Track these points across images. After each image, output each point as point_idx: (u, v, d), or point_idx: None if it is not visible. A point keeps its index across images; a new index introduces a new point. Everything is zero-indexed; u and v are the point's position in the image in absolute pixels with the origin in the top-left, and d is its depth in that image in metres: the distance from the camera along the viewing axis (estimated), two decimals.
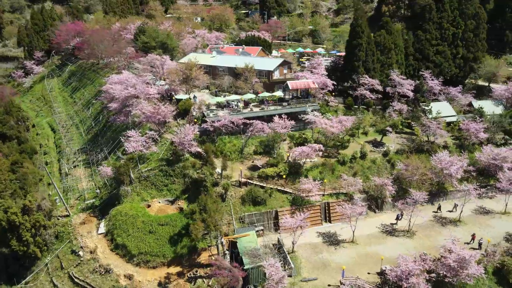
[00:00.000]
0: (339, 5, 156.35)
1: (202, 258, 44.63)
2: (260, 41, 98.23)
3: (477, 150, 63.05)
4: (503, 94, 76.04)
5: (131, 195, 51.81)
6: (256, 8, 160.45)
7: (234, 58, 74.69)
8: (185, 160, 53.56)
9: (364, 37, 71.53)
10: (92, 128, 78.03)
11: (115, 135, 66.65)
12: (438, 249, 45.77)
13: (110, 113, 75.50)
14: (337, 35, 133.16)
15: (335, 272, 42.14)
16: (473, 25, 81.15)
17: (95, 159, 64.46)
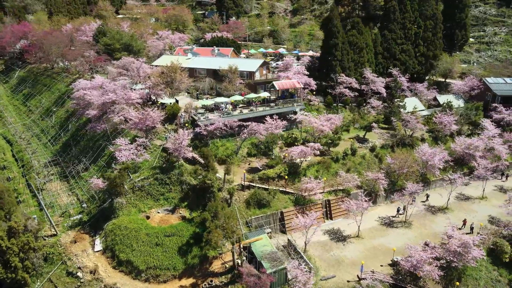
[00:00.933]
0: (294, 6, 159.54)
1: (215, 266, 43.16)
2: (229, 42, 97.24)
3: (449, 141, 68.03)
4: (462, 88, 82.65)
5: (126, 207, 48.66)
6: (212, 8, 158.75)
7: (213, 60, 73.18)
8: (180, 167, 51.47)
9: (340, 37, 73.66)
10: (60, 137, 72.09)
11: (93, 144, 62.26)
12: (436, 236, 48.73)
13: (81, 121, 70.59)
14: (297, 35, 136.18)
15: (350, 268, 42.99)
16: (431, 25, 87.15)
17: (74, 171, 59.61)
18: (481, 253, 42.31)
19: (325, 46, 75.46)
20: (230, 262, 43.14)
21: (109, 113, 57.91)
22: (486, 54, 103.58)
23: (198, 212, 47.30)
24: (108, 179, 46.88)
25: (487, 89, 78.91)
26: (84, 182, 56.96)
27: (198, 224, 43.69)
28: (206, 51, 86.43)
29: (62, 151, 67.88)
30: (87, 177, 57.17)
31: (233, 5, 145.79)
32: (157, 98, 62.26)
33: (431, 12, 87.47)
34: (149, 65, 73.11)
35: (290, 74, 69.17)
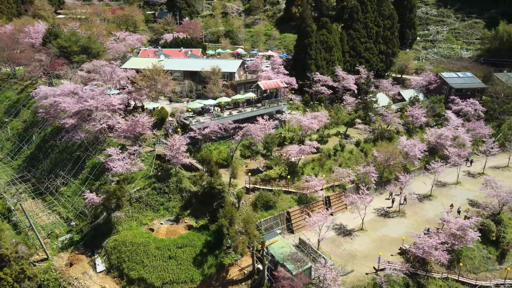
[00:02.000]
0: (245, 6, 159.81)
1: (232, 274, 41.84)
2: (195, 43, 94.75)
3: (420, 132, 72.88)
4: (420, 83, 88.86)
5: (125, 221, 45.26)
6: (162, 8, 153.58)
7: (190, 61, 70.73)
8: (176, 174, 49.14)
9: (314, 36, 75.26)
10: (21, 151, 65.00)
11: (69, 156, 56.98)
12: (430, 222, 51.96)
13: (46, 131, 64.39)
14: (253, 35, 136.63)
15: (364, 260, 44.21)
16: (389, 24, 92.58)
17: (52, 186, 54.07)
18: (477, 234, 45.88)
19: (300, 45, 76.60)
20: (248, 268, 42.16)
21: (90, 121, 53.44)
22: (432, 51, 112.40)
23: (206, 220, 45.55)
24: (107, 192, 43.22)
25: (443, 83, 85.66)
26: (65, 198, 51.96)
27: (214, 231, 42.00)
28: (173, 53, 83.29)
29: (28, 166, 61.23)
30: (69, 192, 52.30)
31: (186, 5, 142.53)
32: (138, 103, 58.67)
33: (388, 12, 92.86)
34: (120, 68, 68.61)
35: (271, 74, 69.18)
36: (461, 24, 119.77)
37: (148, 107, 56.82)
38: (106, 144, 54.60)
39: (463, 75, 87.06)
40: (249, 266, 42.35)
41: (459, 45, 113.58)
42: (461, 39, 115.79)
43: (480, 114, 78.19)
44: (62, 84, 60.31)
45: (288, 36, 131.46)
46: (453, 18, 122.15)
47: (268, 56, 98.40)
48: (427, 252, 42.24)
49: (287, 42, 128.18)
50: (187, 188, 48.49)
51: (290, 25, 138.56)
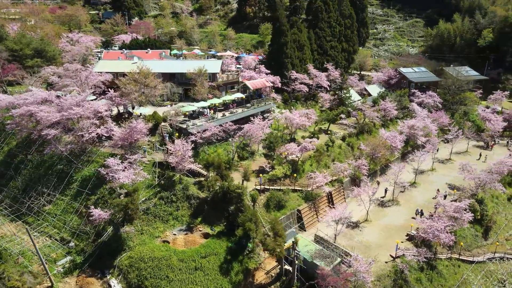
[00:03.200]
0: (194, 6, 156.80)
1: (259, 278, 40.96)
2: (159, 44, 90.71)
3: (392, 124, 77.44)
4: (381, 78, 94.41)
5: (135, 236, 42.03)
6: (106, 8, 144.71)
7: (170, 63, 67.48)
8: (181, 181, 46.84)
9: (289, 35, 76.21)
10: None
11: (50, 171, 51.38)
12: (424, 207, 55.42)
13: (11, 145, 57.51)
14: (207, 35, 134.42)
15: (379, 250, 45.84)
16: (349, 23, 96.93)
17: (36, 205, 48.28)
18: (470, 215, 49.96)
19: (275, 44, 77.01)
20: (273, 270, 41.57)
21: (76, 130, 48.65)
22: (383, 48, 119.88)
23: (222, 226, 44.03)
24: (118, 206, 39.71)
25: (403, 78, 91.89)
26: (53, 218, 46.79)
27: (240, 236, 40.72)
28: (141, 54, 78.89)
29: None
30: (57, 210, 47.18)
31: (134, 5, 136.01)
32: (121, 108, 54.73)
33: (348, 12, 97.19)
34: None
35: (253, 73, 68.65)
36: (405, 23, 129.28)
37: (136, 112, 53.21)
38: (95, 155, 50.33)
39: (419, 70, 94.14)
40: (274, 268, 41.80)
41: (405, 42, 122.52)
42: (406, 37, 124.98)
43: (438, 105, 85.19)
44: (31, 92, 54.11)
45: (244, 36, 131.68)
46: (396, 17, 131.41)
47: (234, 56, 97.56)
48: (436, 235, 45.07)
49: (244, 42, 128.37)
50: (194, 194, 46.41)
51: (244, 25, 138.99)
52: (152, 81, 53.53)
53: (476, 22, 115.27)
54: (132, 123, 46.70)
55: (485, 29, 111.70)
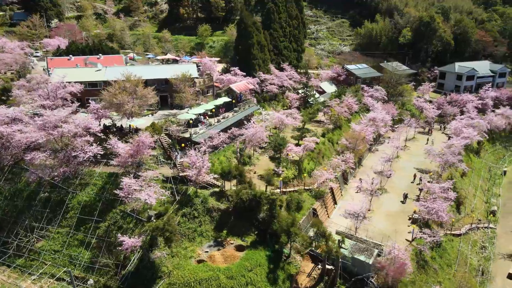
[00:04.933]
0: (117, 6, 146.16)
1: (303, 282, 40.59)
2: (108, 48, 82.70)
3: (353, 119, 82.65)
4: (330, 75, 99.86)
5: (167, 259, 38.26)
6: (12, 9, 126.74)
7: (145, 69, 61.86)
8: (197, 194, 44.03)
9: (255, 36, 76.05)
10: None
11: (34, 201, 43.68)
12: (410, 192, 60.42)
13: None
14: (139, 38, 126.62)
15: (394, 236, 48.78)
16: (296, 23, 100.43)
17: (27, 244, 40.51)
18: (454, 194, 56.13)
19: (242, 46, 76.09)
20: (313, 272, 41.58)
21: (68, 151, 42.08)
22: (319, 47, 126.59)
23: (253, 235, 42.52)
24: (155, 230, 35.61)
25: (350, 74, 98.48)
26: (53, 255, 40.05)
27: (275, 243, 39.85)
28: (95, 60, 71.07)
29: None
30: (55, 246, 40.48)
31: (51, 5, 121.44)
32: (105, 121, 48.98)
33: (295, 12, 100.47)
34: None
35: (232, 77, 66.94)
36: (333, 23, 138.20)
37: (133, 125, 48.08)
38: (90, 177, 44.34)
39: (362, 67, 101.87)
40: (313, 269, 41.81)
41: (337, 41, 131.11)
42: (336, 36, 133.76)
43: (384, 98, 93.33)
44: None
45: (181, 38, 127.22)
46: (325, 18, 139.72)
47: (173, 59, 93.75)
48: (439, 215, 49.76)
49: (182, 44, 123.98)
50: (215, 207, 44.03)
51: (178, 27, 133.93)
52: (144, 90, 48.75)
53: (396, 22, 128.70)
54: (140, 137, 42.07)
55: (404, 28, 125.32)
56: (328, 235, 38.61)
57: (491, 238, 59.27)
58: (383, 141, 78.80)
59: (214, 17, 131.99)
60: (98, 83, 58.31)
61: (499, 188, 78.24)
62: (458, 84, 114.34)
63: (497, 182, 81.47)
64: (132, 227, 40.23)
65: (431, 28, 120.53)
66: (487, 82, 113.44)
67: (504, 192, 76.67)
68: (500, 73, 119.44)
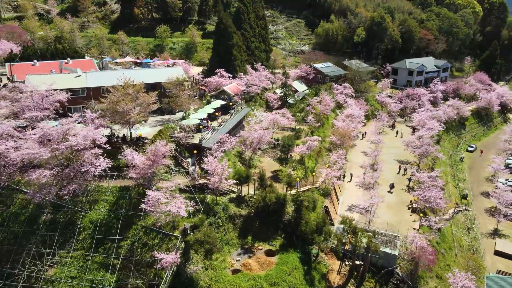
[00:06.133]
0: (61, 6, 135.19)
1: (335, 280, 41.05)
2: (71, 51, 76.12)
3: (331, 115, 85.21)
4: (299, 74, 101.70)
5: (202, 272, 36.41)
6: None
7: (132, 72, 57.65)
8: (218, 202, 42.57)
9: (235, 37, 74.96)
10: None
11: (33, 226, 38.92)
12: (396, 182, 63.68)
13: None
14: (91, 40, 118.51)
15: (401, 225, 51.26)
16: (263, 24, 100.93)
17: (37, 273, 35.89)
18: (442, 182, 60.34)
19: (222, 47, 74.53)
20: (342, 269, 42.23)
21: (76, 166, 38.06)
22: (280, 47, 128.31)
23: (281, 238, 42.05)
24: (196, 243, 33.58)
25: (318, 73, 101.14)
26: (67, 283, 36.11)
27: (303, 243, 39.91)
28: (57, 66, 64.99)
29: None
30: (70, 272, 36.53)
31: None
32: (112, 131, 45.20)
33: (261, 13, 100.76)
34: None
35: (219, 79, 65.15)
36: (289, 23, 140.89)
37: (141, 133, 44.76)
38: (97, 192, 40.69)
39: (328, 65, 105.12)
40: (340, 266, 42.44)
41: (295, 40, 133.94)
42: (294, 36, 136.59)
43: (352, 94, 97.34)
44: None
45: (138, 40, 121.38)
46: (281, 18, 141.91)
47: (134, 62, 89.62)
48: (437, 203, 53.18)
49: (141, 46, 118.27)
50: (236, 213, 42.83)
51: (132, 28, 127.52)
52: (144, 96, 45.61)
53: (349, 22, 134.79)
54: (156, 146, 39.37)
55: (358, 27, 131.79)
56: (358, 231, 39.37)
57: (472, 219, 64.65)
58: (357, 137, 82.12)
59: (170, 17, 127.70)
60: (80, 90, 53.57)
61: (462, 173, 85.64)
62: (409, 79, 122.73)
63: (459, 168, 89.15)
64: (158, 242, 37.65)
65: (382, 27, 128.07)
66: (433, 77, 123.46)
67: (468, 176, 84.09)
68: (444, 68, 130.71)
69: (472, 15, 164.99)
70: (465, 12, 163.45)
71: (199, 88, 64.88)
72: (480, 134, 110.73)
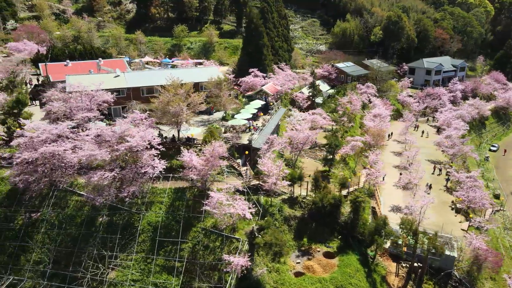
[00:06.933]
0: (75, 6, 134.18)
1: (393, 281, 40.50)
2: (100, 52, 75.49)
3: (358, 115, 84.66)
4: (321, 74, 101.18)
5: (267, 275, 35.84)
6: None
7: (179, 72, 56.74)
8: (272, 204, 42.00)
9: (265, 37, 74.38)
10: None
11: (91, 228, 38.28)
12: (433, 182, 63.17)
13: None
14: (109, 40, 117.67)
15: (447, 226, 50.65)
16: (285, 23, 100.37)
17: (100, 275, 35.26)
18: (482, 182, 59.75)
19: (252, 46, 73.82)
20: (399, 271, 41.70)
21: (134, 168, 37.40)
22: (298, 46, 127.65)
23: (337, 240, 41.51)
24: (266, 245, 33.01)
25: (341, 72, 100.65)
26: (131, 286, 35.47)
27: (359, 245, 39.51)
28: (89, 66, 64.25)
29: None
30: (134, 276, 35.85)
31: (5, 5, 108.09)
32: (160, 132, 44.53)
33: (283, 12, 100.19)
34: None
35: (254, 79, 64.55)
36: (305, 22, 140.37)
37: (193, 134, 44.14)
38: (152, 194, 40.08)
39: (349, 65, 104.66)
40: (397, 268, 41.89)
41: (311, 40, 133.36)
42: (310, 35, 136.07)
43: (376, 94, 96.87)
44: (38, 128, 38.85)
45: (155, 40, 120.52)
46: (297, 18, 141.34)
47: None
48: (483, 203, 52.70)
49: (158, 46, 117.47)
50: (291, 215, 42.28)
51: (148, 28, 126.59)
52: (197, 96, 44.98)
53: (366, 21, 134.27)
54: (214, 146, 38.76)
55: (374, 27, 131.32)
56: (420, 233, 38.86)
57: (511, 219, 64.17)
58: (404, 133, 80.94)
59: (186, 17, 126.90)
60: (121, 91, 52.94)
61: (490, 173, 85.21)
62: (427, 79, 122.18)
63: (486, 167, 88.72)
64: (220, 245, 37.04)
65: (399, 26, 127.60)
66: (450, 76, 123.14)
67: (497, 176, 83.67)
68: (461, 68, 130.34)
69: (484, 14, 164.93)
70: (478, 11, 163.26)
71: (233, 88, 64.22)
72: (500, 134, 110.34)
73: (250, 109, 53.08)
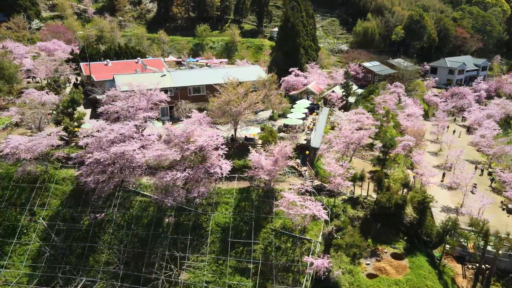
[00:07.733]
0: (95, 5, 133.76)
1: (461, 283, 39.89)
2: (135, 52, 75.07)
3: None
4: (354, 75, 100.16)
5: (343, 277, 35.28)
6: None
7: (218, 71, 56.40)
8: (336, 204, 41.43)
9: (303, 35, 73.81)
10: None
11: (158, 229, 37.76)
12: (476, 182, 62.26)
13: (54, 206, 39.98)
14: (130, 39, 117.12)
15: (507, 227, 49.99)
16: (312, 23, 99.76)
17: (174, 277, 34.73)
18: None
19: (289, 45, 73.22)
20: (466, 272, 41.08)
21: (200, 168, 36.83)
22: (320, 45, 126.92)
23: (403, 241, 40.91)
24: (347, 246, 32.45)
25: (368, 72, 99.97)
26: (204, 287, 34.93)
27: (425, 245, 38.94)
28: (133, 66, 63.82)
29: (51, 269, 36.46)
30: (205, 277, 35.29)
31: (30, 4, 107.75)
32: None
33: (311, 11, 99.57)
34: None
35: (298, 78, 63.98)
36: (325, 21, 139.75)
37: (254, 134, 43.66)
38: (216, 194, 39.56)
39: (376, 64, 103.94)
40: (464, 269, 41.27)
41: (332, 39, 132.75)
42: (330, 35, 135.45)
43: (404, 93, 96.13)
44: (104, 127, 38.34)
45: (177, 39, 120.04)
46: (316, 17, 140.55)
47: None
48: None
49: (181, 45, 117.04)
50: (355, 215, 41.68)
51: (169, 27, 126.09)
52: (255, 95, 44.41)
53: (387, 20, 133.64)
54: (281, 146, 38.20)
55: (395, 26, 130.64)
56: (490, 235, 38.24)
57: None
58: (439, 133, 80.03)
59: (206, 16, 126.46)
60: (169, 90, 52.48)
61: None
62: (450, 78, 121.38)
63: None
64: (291, 246, 36.50)
65: (421, 25, 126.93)
66: (473, 75, 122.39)
67: None
68: (483, 67, 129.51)
69: (501, 13, 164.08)
70: (495, 10, 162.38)
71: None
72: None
73: (301, 108, 52.49)
